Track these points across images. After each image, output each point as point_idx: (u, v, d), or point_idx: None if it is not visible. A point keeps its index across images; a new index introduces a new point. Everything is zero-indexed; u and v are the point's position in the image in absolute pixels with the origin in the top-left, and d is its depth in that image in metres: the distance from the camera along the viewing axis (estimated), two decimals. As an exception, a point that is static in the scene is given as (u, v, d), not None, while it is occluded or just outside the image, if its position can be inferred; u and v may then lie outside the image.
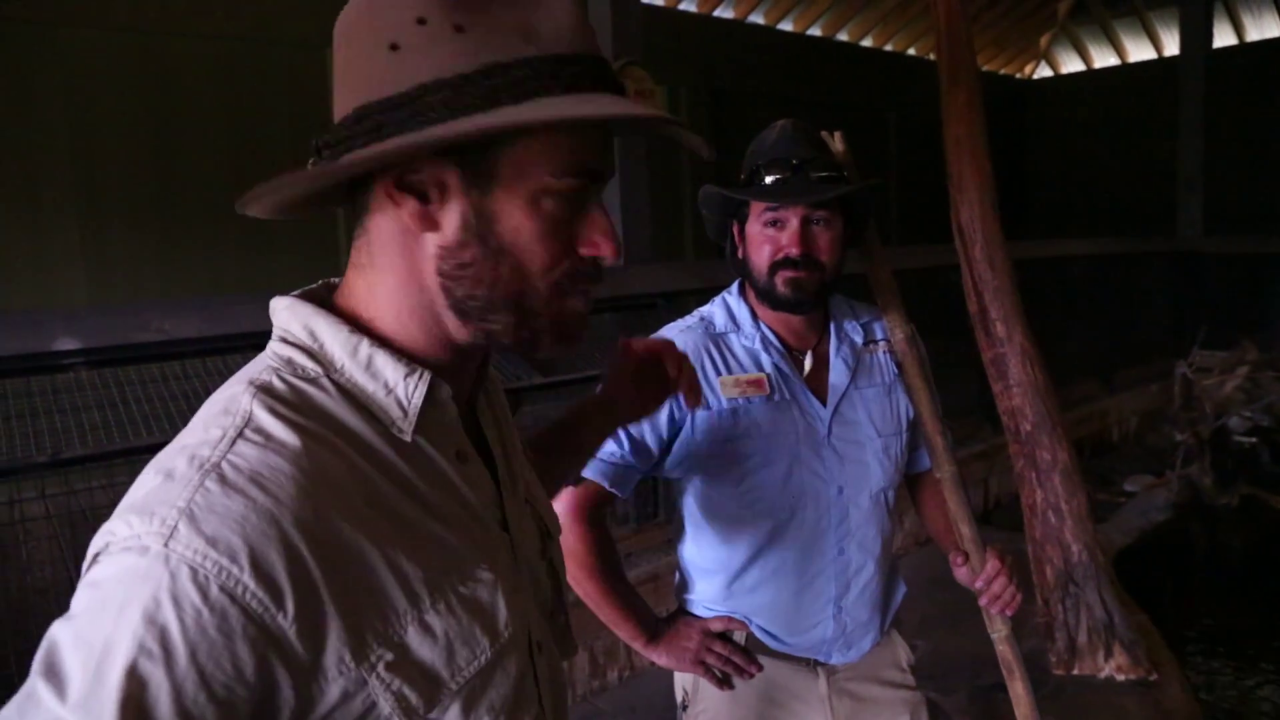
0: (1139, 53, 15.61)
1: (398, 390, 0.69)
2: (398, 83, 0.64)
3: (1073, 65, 16.57)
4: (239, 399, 0.64)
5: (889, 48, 14.22)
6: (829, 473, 1.44)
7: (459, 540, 0.70)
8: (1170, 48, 14.61)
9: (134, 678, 0.53)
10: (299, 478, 0.61)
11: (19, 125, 6.67)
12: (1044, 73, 16.96)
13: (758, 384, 1.44)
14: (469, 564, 0.70)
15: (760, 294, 1.46)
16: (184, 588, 0.55)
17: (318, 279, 0.78)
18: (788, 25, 12.72)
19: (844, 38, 13.54)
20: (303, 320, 0.70)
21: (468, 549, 0.71)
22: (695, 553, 1.54)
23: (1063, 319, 6.63)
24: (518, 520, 0.80)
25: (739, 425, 1.42)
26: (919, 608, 3.30)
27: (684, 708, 1.56)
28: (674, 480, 1.53)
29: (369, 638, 0.62)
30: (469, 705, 0.69)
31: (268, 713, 0.59)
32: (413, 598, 0.65)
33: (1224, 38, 13.96)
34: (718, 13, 11.80)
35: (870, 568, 1.49)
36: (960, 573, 1.44)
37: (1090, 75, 16.25)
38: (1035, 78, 17.00)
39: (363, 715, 0.63)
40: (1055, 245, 7.64)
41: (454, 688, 0.67)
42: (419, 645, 0.65)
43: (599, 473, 1.42)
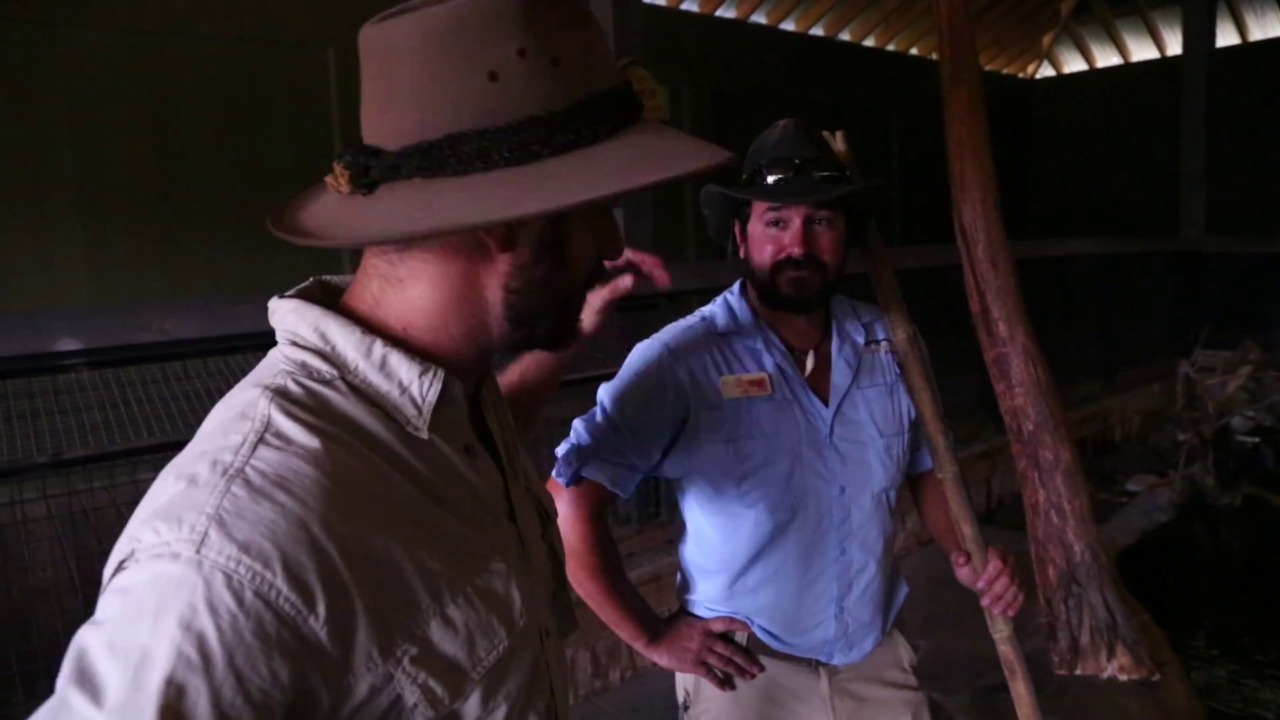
0: (1141, 52, 15.60)
1: (412, 389, 0.70)
2: (496, 115, 0.64)
3: (1075, 65, 16.56)
4: (256, 403, 0.65)
5: (891, 47, 14.22)
6: (831, 473, 1.44)
7: (473, 534, 0.72)
8: (1173, 47, 14.59)
9: (173, 684, 0.54)
10: (323, 481, 0.62)
11: (20, 125, 6.68)
12: (1046, 72, 16.94)
13: (759, 384, 1.43)
14: (484, 557, 0.73)
15: (762, 294, 1.45)
16: (219, 594, 0.56)
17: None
18: (790, 25, 12.72)
19: (846, 38, 13.54)
20: (312, 323, 0.70)
21: (482, 542, 0.73)
22: (696, 553, 1.54)
23: (1065, 319, 6.62)
24: (522, 509, 0.82)
25: (740, 425, 1.42)
26: (921, 608, 3.29)
27: (685, 708, 1.56)
28: (675, 480, 1.53)
29: (395, 634, 0.64)
30: (488, 694, 0.71)
31: (301, 712, 0.60)
32: (434, 593, 0.67)
33: (1227, 37, 13.94)
34: (720, 12, 11.80)
35: (872, 568, 1.49)
36: (962, 573, 1.44)
37: (1093, 75, 16.24)
38: (1038, 77, 16.99)
39: (389, 708, 0.65)
40: (1058, 245, 7.63)
41: (475, 678, 0.69)
42: (441, 639, 0.67)
43: (601, 473, 1.41)
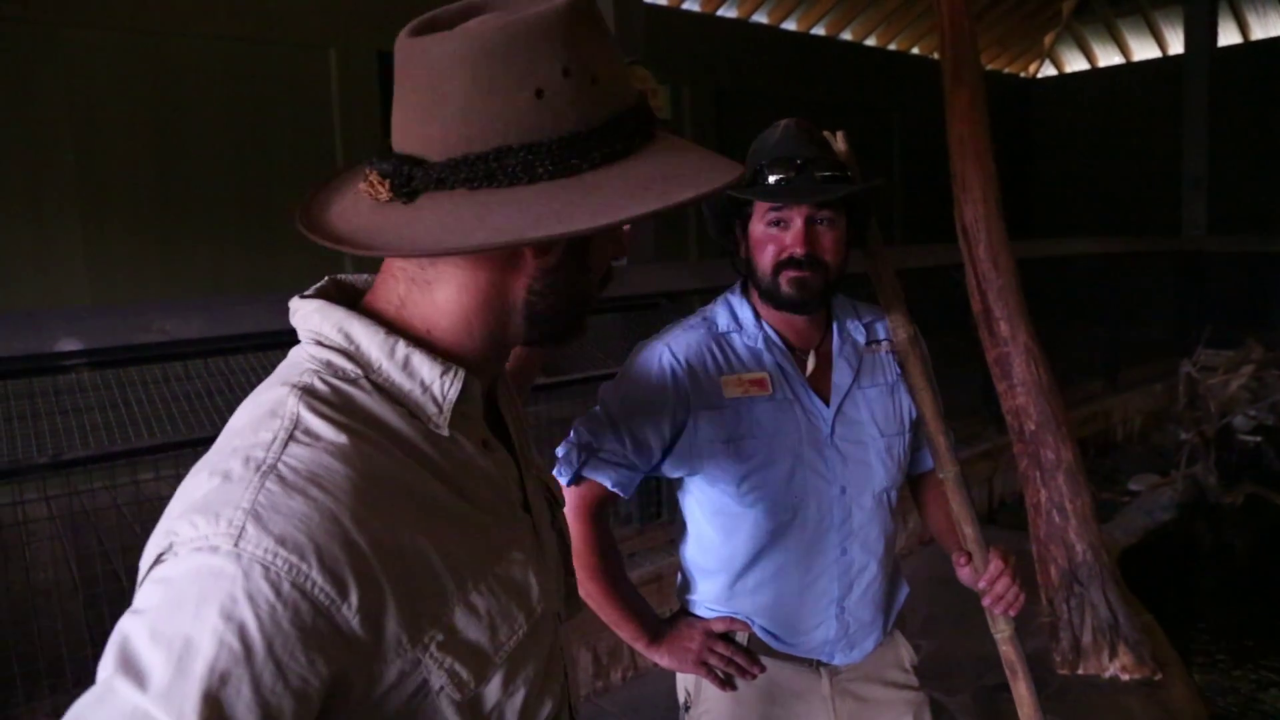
0: (1143, 51, 15.58)
1: (433, 388, 0.73)
2: (542, 130, 0.68)
3: (1077, 64, 16.54)
4: (285, 401, 0.68)
5: (892, 47, 14.21)
6: (832, 472, 1.44)
7: (493, 525, 0.76)
8: (1175, 46, 14.57)
9: (216, 672, 0.56)
10: (352, 476, 0.65)
11: (21, 126, 6.68)
12: (1048, 71, 16.93)
13: (760, 383, 1.43)
14: (503, 546, 0.76)
15: (764, 294, 1.45)
16: (258, 585, 0.58)
17: (321, 278, 0.80)
18: (791, 25, 12.71)
19: (847, 37, 13.53)
20: (336, 323, 0.73)
21: (501, 533, 0.77)
22: (697, 553, 1.54)
23: (1067, 318, 6.62)
24: (535, 498, 0.86)
25: (741, 425, 1.41)
26: (923, 608, 3.29)
27: (686, 709, 1.56)
28: (676, 480, 1.53)
29: (422, 621, 0.67)
30: (509, 677, 0.74)
31: (335, 697, 0.63)
32: (458, 581, 0.70)
33: (1229, 36, 13.92)
34: (721, 12, 11.80)
35: (873, 568, 1.49)
36: (963, 573, 1.44)
37: (1094, 74, 16.22)
38: (1039, 76, 16.97)
39: (416, 691, 0.68)
40: (1059, 244, 7.63)
41: (498, 661, 0.73)
42: (465, 625, 0.71)
43: (602, 473, 1.41)
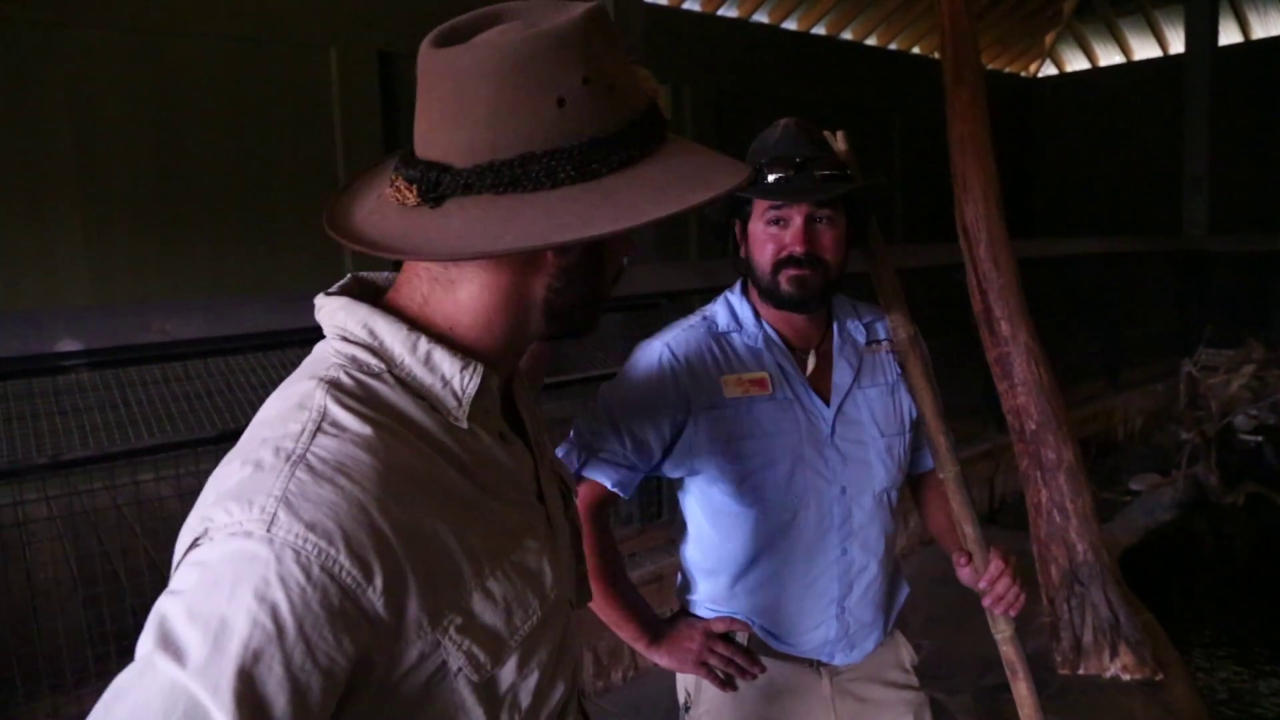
0: (1144, 51, 15.57)
1: (454, 383, 0.76)
2: (564, 136, 0.71)
3: (1078, 63, 16.53)
4: (312, 394, 0.71)
5: (893, 46, 14.20)
6: (832, 472, 1.43)
7: (509, 514, 0.79)
8: (1176, 45, 14.56)
9: (249, 648, 0.60)
10: (377, 466, 0.68)
11: (23, 125, 6.68)
12: (1049, 71, 16.92)
13: (760, 383, 1.43)
14: (519, 535, 0.79)
15: (763, 293, 1.45)
16: (289, 569, 0.62)
17: (322, 279, 0.81)
18: (792, 24, 12.71)
19: (848, 37, 13.52)
20: (361, 320, 0.76)
21: (516, 521, 0.80)
22: (697, 553, 1.53)
23: (1068, 318, 6.61)
24: (549, 489, 0.89)
25: (741, 424, 1.41)
26: (923, 608, 3.29)
27: (686, 709, 1.56)
28: (676, 480, 1.53)
29: (442, 605, 0.71)
30: (523, 660, 0.78)
31: (360, 675, 0.67)
32: (476, 567, 0.74)
33: (1230, 35, 13.91)
34: (721, 11, 11.79)
35: (873, 568, 1.49)
36: (964, 573, 1.43)
37: (1095, 73, 16.21)
38: (1040, 76, 16.96)
39: (435, 672, 0.72)
40: (1060, 244, 7.62)
41: (513, 645, 0.77)
42: (483, 610, 0.74)
43: (602, 473, 1.41)
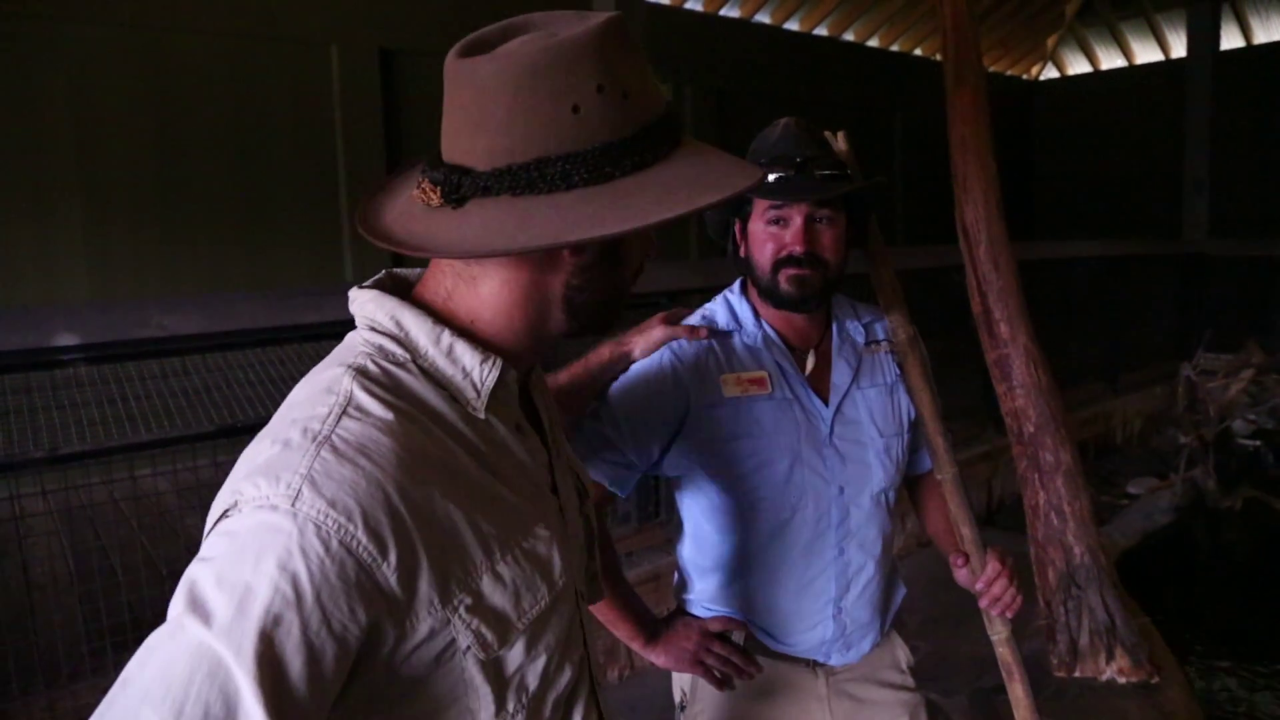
0: (1146, 54, 15.57)
1: (473, 374, 0.80)
2: (578, 141, 0.75)
3: (1079, 66, 16.53)
4: (340, 380, 0.76)
5: (895, 48, 14.20)
6: (830, 472, 1.43)
7: (521, 502, 0.82)
8: (1177, 49, 14.56)
9: (270, 613, 0.64)
10: (397, 449, 0.72)
11: (23, 121, 6.67)
12: (1050, 74, 16.92)
13: (759, 382, 1.43)
14: (530, 522, 0.83)
15: (763, 292, 1.45)
16: (310, 541, 0.66)
17: (321, 275, 0.82)
18: (794, 25, 12.70)
19: (850, 38, 13.52)
20: (389, 311, 0.81)
21: (528, 510, 0.83)
22: (694, 552, 1.53)
23: (1067, 321, 6.61)
24: (563, 483, 0.93)
25: (740, 423, 1.41)
26: (920, 609, 3.28)
27: (682, 708, 1.56)
28: (674, 479, 1.53)
29: (452, 584, 0.74)
30: (531, 643, 0.81)
31: (372, 645, 0.71)
32: (487, 551, 0.77)
33: (1231, 40, 13.91)
34: (723, 12, 11.79)
35: (870, 568, 1.48)
36: (960, 574, 1.43)
37: (1097, 77, 16.21)
38: (1041, 79, 16.97)
39: (444, 649, 0.75)
40: (1060, 246, 7.63)
41: (520, 628, 0.80)
42: (492, 591, 0.77)
43: (599, 472, 1.41)
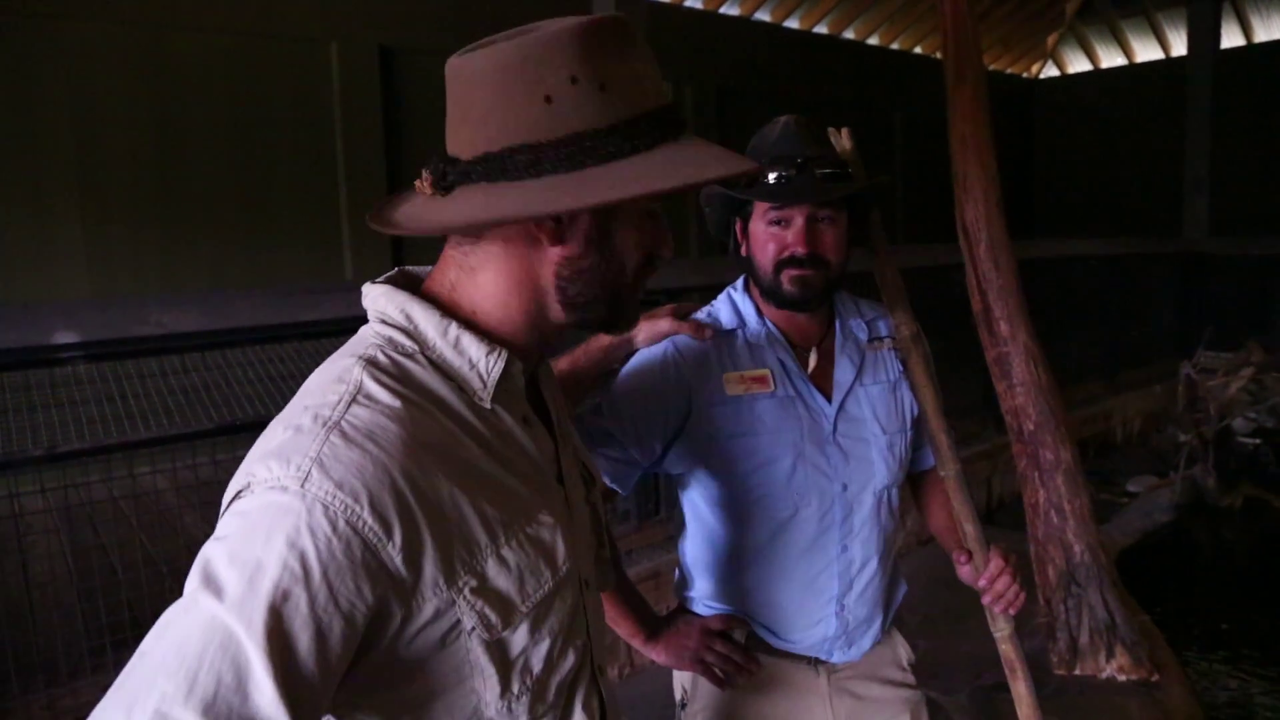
0: (1146, 53, 15.57)
1: (480, 365, 0.83)
2: (552, 130, 0.77)
3: (1080, 65, 16.53)
4: (351, 370, 0.78)
5: (895, 46, 14.20)
6: (833, 469, 1.43)
7: (526, 490, 0.85)
8: (1178, 48, 14.56)
9: (279, 588, 0.67)
10: (404, 435, 0.75)
11: (22, 119, 6.67)
12: (1050, 72, 16.91)
13: (762, 380, 1.42)
14: (534, 509, 0.85)
15: (765, 292, 1.44)
16: (318, 521, 0.69)
17: (320, 273, 0.83)
18: (794, 23, 12.70)
19: (850, 36, 13.51)
20: (399, 305, 0.84)
21: (533, 497, 0.85)
22: (696, 549, 1.53)
23: (1067, 319, 6.61)
24: (570, 473, 0.95)
25: (743, 421, 1.41)
26: (920, 607, 3.28)
27: (683, 706, 1.55)
28: (676, 476, 1.52)
29: (457, 566, 0.77)
30: (535, 626, 0.83)
31: (378, 622, 0.74)
32: (491, 535, 0.80)
33: (1232, 38, 13.91)
34: (723, 10, 11.78)
35: (873, 566, 1.48)
36: (963, 571, 1.43)
37: (1097, 75, 16.21)
38: (1042, 77, 16.96)
39: (450, 630, 0.78)
40: (1060, 245, 7.63)
41: (524, 611, 0.82)
42: (496, 575, 0.80)
43: (601, 468, 1.40)
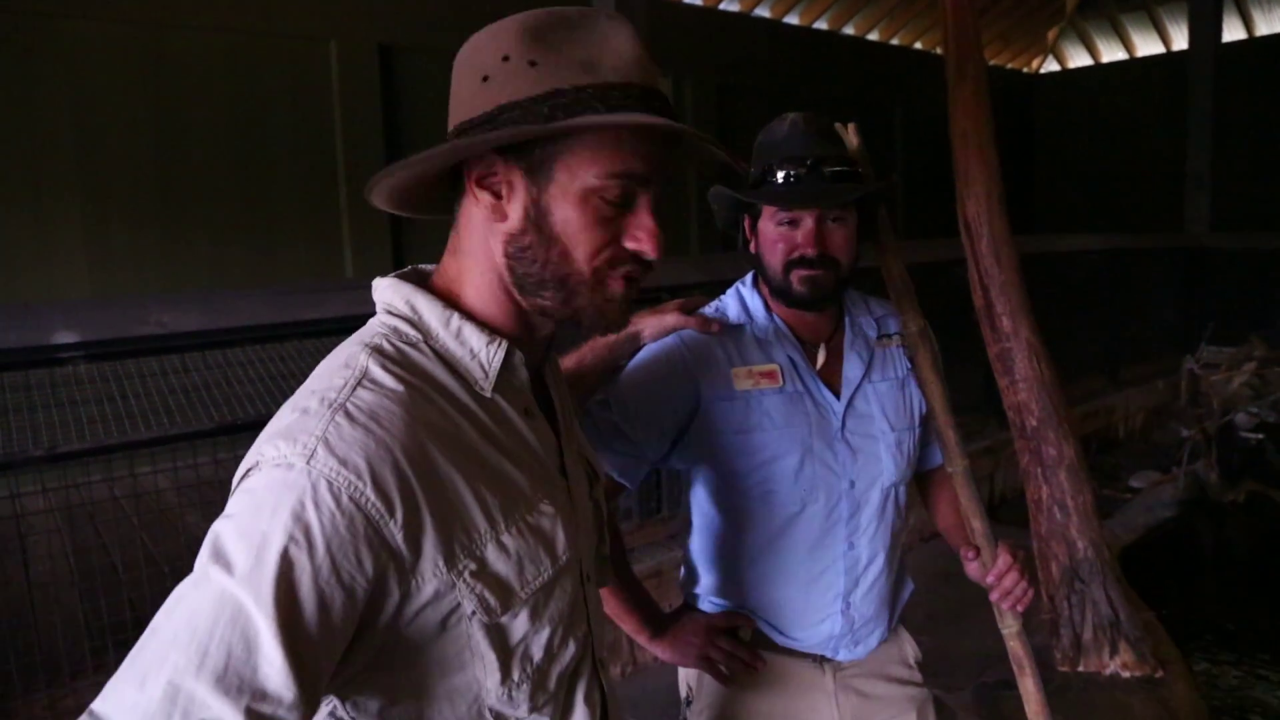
0: (1147, 47, 15.54)
1: (481, 355, 0.85)
2: (484, 105, 0.81)
3: (1080, 60, 16.50)
4: (357, 356, 0.81)
5: (896, 41, 14.18)
6: (841, 466, 1.42)
7: (527, 479, 0.86)
8: (1179, 42, 14.53)
9: (285, 560, 0.69)
10: (407, 418, 0.77)
11: (22, 118, 6.66)
12: (1051, 67, 16.89)
13: (771, 375, 1.42)
14: (535, 498, 0.86)
15: (775, 291, 1.44)
16: (323, 496, 0.72)
17: (321, 273, 0.84)
18: (794, 19, 12.68)
19: (850, 31, 13.49)
20: (404, 296, 0.86)
21: (533, 487, 0.87)
22: (702, 546, 1.53)
23: (1069, 314, 6.60)
24: (573, 467, 0.96)
25: (751, 416, 1.40)
26: (924, 604, 3.27)
27: (688, 703, 1.55)
28: (682, 472, 1.52)
29: (457, 549, 0.78)
30: (535, 614, 0.85)
31: (379, 598, 0.76)
32: (491, 521, 0.81)
33: (1233, 32, 13.88)
34: (723, 6, 11.77)
35: (880, 563, 1.48)
36: (971, 568, 1.42)
37: (1098, 70, 16.18)
38: (1042, 72, 16.93)
39: (450, 613, 0.80)
40: (1062, 240, 7.62)
41: (523, 597, 0.84)
42: (495, 560, 0.81)
43: (608, 462, 1.39)
